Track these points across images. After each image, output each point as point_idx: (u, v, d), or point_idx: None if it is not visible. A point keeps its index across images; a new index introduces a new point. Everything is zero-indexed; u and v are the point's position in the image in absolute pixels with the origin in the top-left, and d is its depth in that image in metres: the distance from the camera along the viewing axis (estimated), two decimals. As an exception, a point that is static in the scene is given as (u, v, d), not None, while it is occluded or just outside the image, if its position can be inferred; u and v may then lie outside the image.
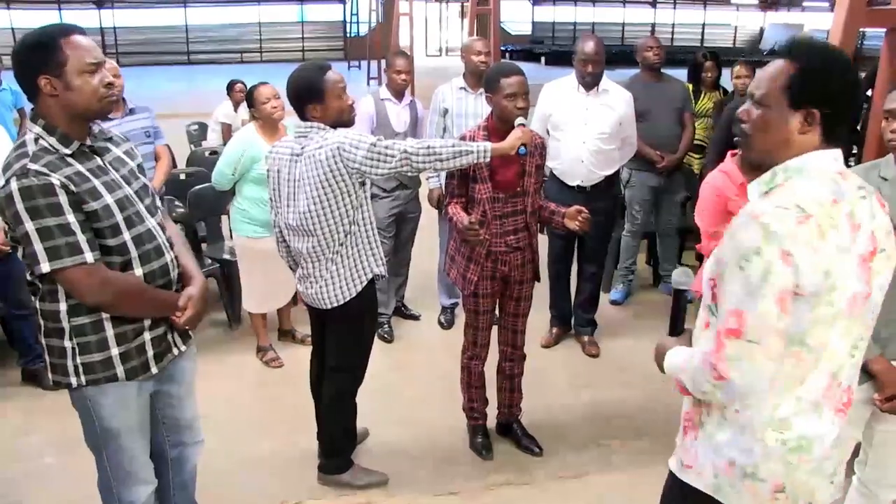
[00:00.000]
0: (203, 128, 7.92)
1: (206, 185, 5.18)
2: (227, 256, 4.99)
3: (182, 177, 5.69)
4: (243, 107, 7.33)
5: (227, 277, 4.97)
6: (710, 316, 1.74)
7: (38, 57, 2.10)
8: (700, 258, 4.46)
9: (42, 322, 2.28)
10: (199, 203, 5.09)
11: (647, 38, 5.40)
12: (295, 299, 4.88)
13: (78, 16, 24.60)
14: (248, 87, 4.37)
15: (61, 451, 3.67)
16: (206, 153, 6.68)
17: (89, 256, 2.13)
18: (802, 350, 1.65)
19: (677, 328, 1.96)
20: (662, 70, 5.27)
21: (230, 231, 5.60)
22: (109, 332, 2.26)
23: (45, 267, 2.09)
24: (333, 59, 26.51)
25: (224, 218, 5.56)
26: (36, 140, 2.14)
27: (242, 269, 4.53)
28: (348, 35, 26.61)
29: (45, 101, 2.14)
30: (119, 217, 2.21)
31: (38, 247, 2.08)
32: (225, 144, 6.89)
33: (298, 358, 4.51)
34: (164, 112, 8.98)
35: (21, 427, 3.92)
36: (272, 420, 3.99)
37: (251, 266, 4.44)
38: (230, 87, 7.41)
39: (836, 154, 1.70)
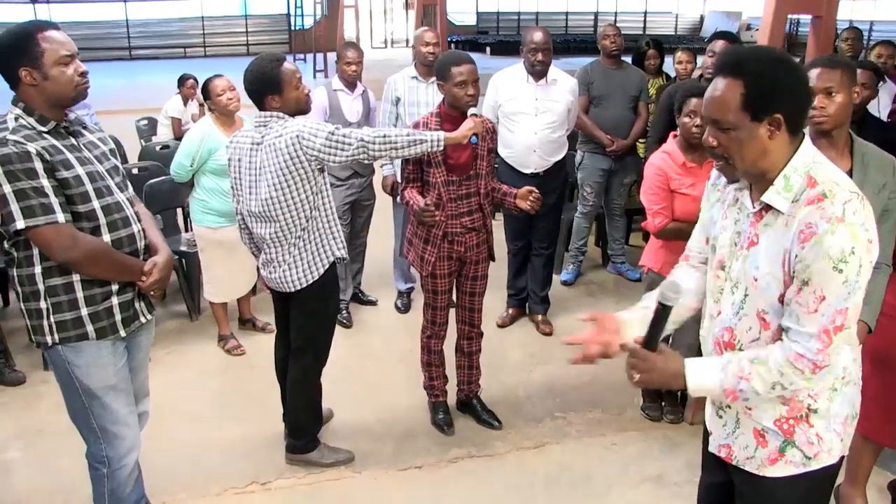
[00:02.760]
0: (152, 123, 7.88)
1: (162, 178, 5.22)
2: (184, 248, 5.03)
3: (135, 171, 5.69)
4: (192, 102, 7.34)
5: (185, 269, 5.02)
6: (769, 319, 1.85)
7: (18, 51, 2.32)
8: (646, 236, 4.66)
9: (20, 289, 2.48)
10: (156, 196, 5.10)
11: (605, 26, 5.57)
12: (255, 289, 4.95)
13: (11, 11, 23.91)
14: (204, 80, 4.41)
15: (25, 444, 3.70)
16: (158, 148, 6.67)
17: (60, 217, 2.34)
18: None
19: (654, 342, 1.90)
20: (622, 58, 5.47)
21: (185, 224, 5.66)
22: (79, 293, 2.46)
23: (21, 223, 2.30)
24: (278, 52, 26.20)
25: (179, 211, 5.60)
26: (16, 118, 2.37)
27: (203, 260, 4.58)
28: (293, 28, 26.36)
29: (26, 90, 2.37)
30: (89, 186, 2.42)
31: (15, 206, 2.29)
32: (175, 139, 6.92)
33: (260, 346, 4.59)
34: (107, 109, 8.92)
35: (-17, 423, 3.93)
36: (238, 405, 4.07)
37: (212, 256, 4.50)
38: (181, 81, 7.39)
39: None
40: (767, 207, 1.81)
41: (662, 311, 1.85)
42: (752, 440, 1.96)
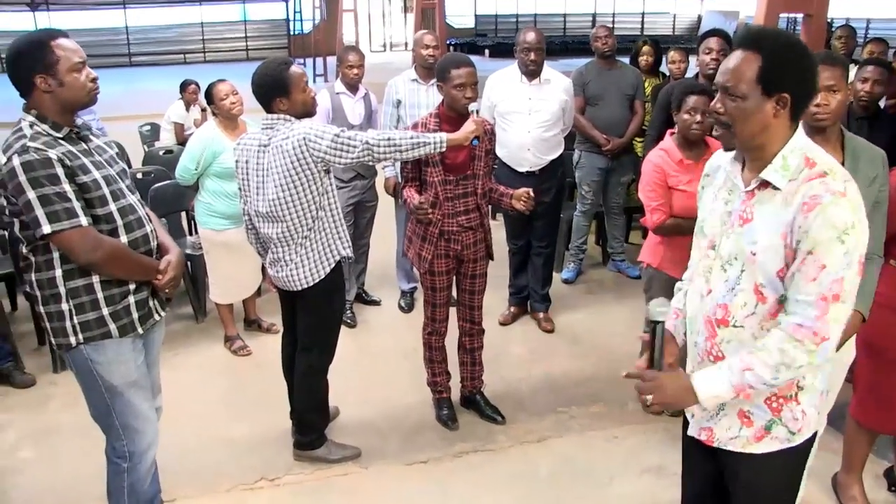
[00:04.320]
0: (155, 128, 7.96)
1: (167, 182, 5.29)
2: (189, 251, 5.10)
3: (139, 175, 5.76)
4: (195, 107, 7.42)
5: (191, 271, 5.08)
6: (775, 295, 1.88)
7: (33, 58, 2.41)
8: (646, 233, 4.72)
9: (39, 293, 2.55)
10: (160, 200, 5.17)
11: (597, 28, 5.65)
12: (259, 290, 5.01)
13: (11, 18, 23.96)
14: (207, 85, 4.48)
15: (37, 444, 3.77)
16: (161, 153, 6.76)
17: (83, 220, 2.42)
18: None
19: (657, 360, 1.98)
20: (617, 58, 5.53)
21: (189, 227, 5.73)
22: (100, 294, 2.55)
23: (47, 228, 2.37)
24: (278, 57, 26.16)
25: (183, 215, 5.67)
26: (31, 126, 2.45)
27: (209, 262, 4.65)
28: (292, 33, 26.43)
29: (40, 96, 2.45)
30: (105, 190, 2.50)
31: (40, 212, 2.36)
32: (178, 144, 7.00)
33: (266, 346, 4.66)
34: (109, 115, 8.97)
35: (-4, 424, 4.00)
36: (245, 404, 4.13)
37: (217, 257, 4.57)
38: (183, 87, 7.47)
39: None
40: (761, 186, 1.88)
41: (655, 329, 1.95)
42: (737, 421, 2.03)
